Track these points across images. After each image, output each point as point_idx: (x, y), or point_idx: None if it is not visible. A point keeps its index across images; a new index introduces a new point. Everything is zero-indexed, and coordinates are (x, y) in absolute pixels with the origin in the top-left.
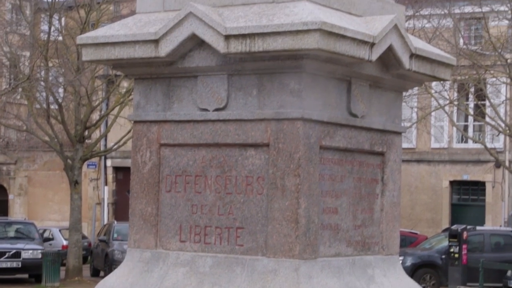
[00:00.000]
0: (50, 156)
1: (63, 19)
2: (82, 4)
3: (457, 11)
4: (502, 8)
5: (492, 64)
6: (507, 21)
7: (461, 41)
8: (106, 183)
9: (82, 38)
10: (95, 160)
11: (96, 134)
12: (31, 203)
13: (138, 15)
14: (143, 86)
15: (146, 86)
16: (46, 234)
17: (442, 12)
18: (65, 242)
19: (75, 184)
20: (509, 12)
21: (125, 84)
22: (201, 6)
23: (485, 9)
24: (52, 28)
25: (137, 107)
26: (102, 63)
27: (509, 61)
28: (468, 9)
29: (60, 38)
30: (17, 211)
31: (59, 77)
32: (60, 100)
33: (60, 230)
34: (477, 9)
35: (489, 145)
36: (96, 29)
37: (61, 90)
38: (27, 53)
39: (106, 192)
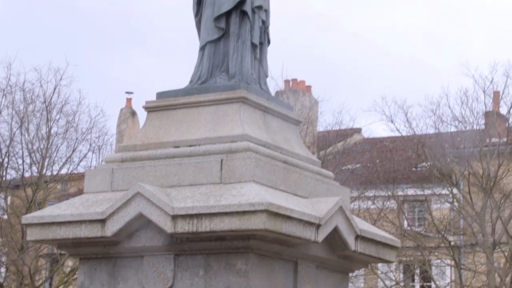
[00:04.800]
0: None
1: (9, 197)
2: (29, 182)
3: (400, 193)
4: (443, 192)
5: (436, 246)
6: (448, 204)
7: (405, 222)
8: None
9: (27, 218)
10: None
11: None
12: None
13: (86, 194)
14: (88, 266)
15: (91, 266)
16: None
17: (386, 194)
18: None
19: None
20: (450, 195)
21: (69, 263)
22: (148, 186)
23: (427, 192)
24: None
25: (81, 287)
26: (47, 242)
27: (452, 243)
28: (411, 191)
29: (5, 216)
30: None
31: (1, 256)
32: (1, 280)
33: None
34: (419, 192)
35: None
36: (43, 208)
37: (3, 269)
38: None
39: None
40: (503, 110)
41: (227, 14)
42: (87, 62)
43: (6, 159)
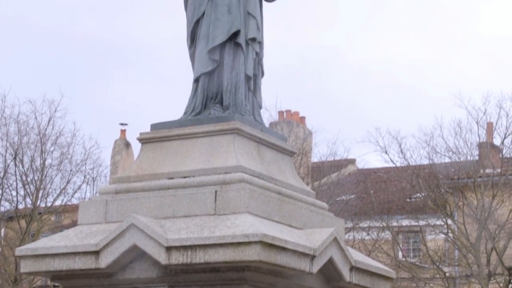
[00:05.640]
0: None
1: (2, 229)
2: (23, 214)
3: (395, 224)
4: (438, 223)
5: (431, 277)
6: (443, 235)
7: (400, 253)
8: None
9: (21, 250)
10: None
11: None
12: None
13: (80, 226)
14: None
15: None
16: None
17: (381, 225)
18: None
19: None
20: (445, 226)
21: None
22: (142, 217)
23: (422, 223)
24: None
25: None
26: (41, 274)
27: (447, 274)
28: (405, 222)
29: None
30: None
31: None
32: None
33: None
34: (414, 223)
35: None
36: (37, 239)
37: None
38: None
39: None
40: (497, 141)
41: (221, 46)
42: (82, 93)
43: (0, 191)
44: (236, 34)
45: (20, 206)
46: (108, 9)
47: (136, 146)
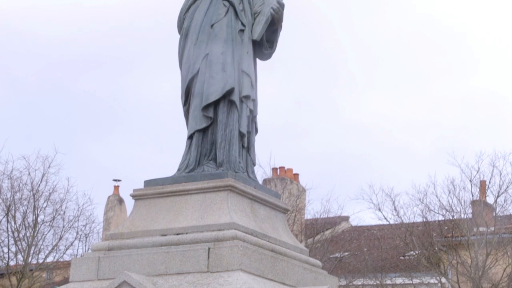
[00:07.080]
0: None
1: None
2: (14, 271)
3: (388, 282)
4: (432, 281)
5: None
6: None
7: None
8: None
9: None
10: None
11: None
12: None
13: (72, 283)
14: None
15: None
16: None
17: (375, 283)
18: None
19: None
20: (439, 284)
21: None
22: (135, 275)
23: (416, 281)
24: None
25: None
26: None
27: None
28: (399, 280)
29: None
30: None
31: None
32: None
33: None
34: (408, 281)
35: None
36: None
37: None
38: None
39: None
40: (490, 199)
41: (215, 104)
42: (76, 149)
43: None
44: (230, 91)
45: (12, 263)
46: (101, 66)
47: (129, 203)
